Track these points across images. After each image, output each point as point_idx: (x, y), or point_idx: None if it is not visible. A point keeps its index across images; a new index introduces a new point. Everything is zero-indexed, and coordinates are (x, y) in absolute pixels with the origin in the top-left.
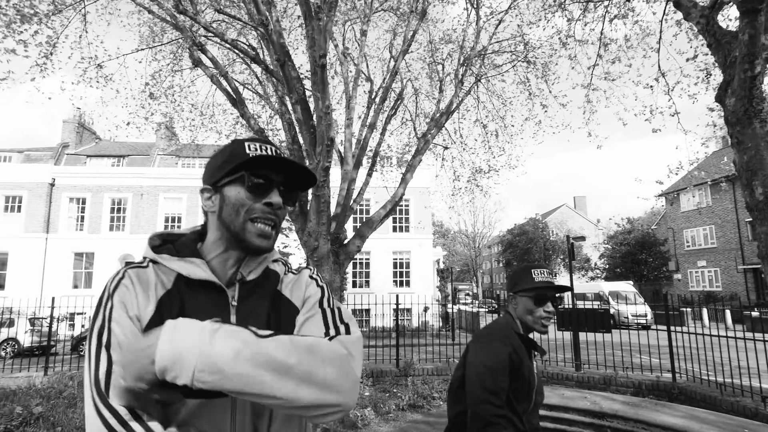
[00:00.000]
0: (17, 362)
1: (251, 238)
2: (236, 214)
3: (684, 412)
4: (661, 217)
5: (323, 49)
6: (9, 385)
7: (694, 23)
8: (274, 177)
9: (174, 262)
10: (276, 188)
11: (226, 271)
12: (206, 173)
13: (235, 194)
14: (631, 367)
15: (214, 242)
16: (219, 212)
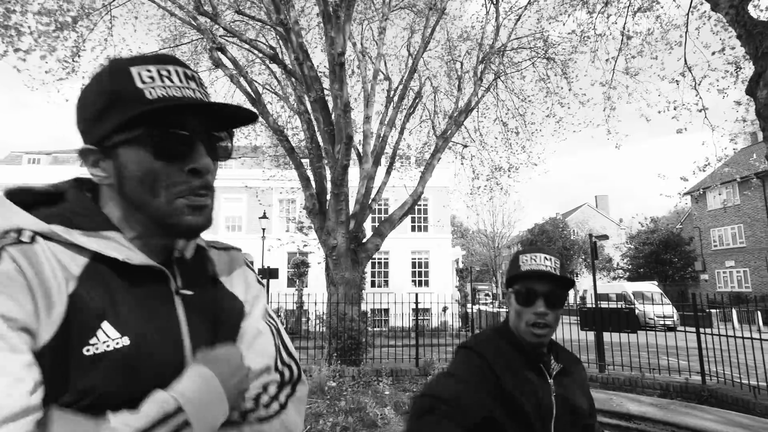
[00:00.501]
0: None
1: (180, 221)
2: (149, 192)
3: (716, 415)
4: (687, 216)
5: (341, 48)
6: None
7: (723, 14)
8: (194, 125)
9: (83, 238)
10: (200, 144)
11: (151, 249)
12: (81, 123)
13: (138, 162)
14: (657, 369)
15: (122, 219)
16: (119, 186)
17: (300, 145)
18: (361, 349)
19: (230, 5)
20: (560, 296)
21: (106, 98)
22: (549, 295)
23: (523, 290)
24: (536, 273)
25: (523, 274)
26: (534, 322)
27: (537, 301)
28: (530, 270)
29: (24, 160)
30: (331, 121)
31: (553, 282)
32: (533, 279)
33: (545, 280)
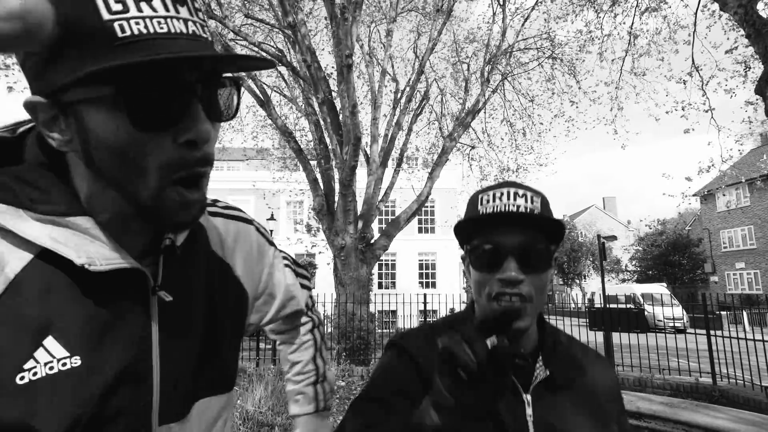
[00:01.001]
0: None
1: (170, 214)
2: (129, 170)
3: (728, 414)
4: (696, 218)
5: (349, 49)
6: None
7: (732, 13)
8: (187, 75)
9: (33, 226)
10: (196, 102)
11: (133, 233)
12: (21, 58)
13: (110, 130)
14: (668, 369)
15: (90, 197)
16: (86, 157)
17: (308, 146)
18: (370, 348)
19: (239, 9)
20: (542, 252)
21: (59, 29)
22: (524, 251)
23: (482, 247)
24: (503, 218)
25: (482, 221)
26: (499, 292)
27: (505, 262)
28: (493, 214)
29: None
30: (339, 122)
31: (530, 230)
32: (498, 228)
33: (517, 227)
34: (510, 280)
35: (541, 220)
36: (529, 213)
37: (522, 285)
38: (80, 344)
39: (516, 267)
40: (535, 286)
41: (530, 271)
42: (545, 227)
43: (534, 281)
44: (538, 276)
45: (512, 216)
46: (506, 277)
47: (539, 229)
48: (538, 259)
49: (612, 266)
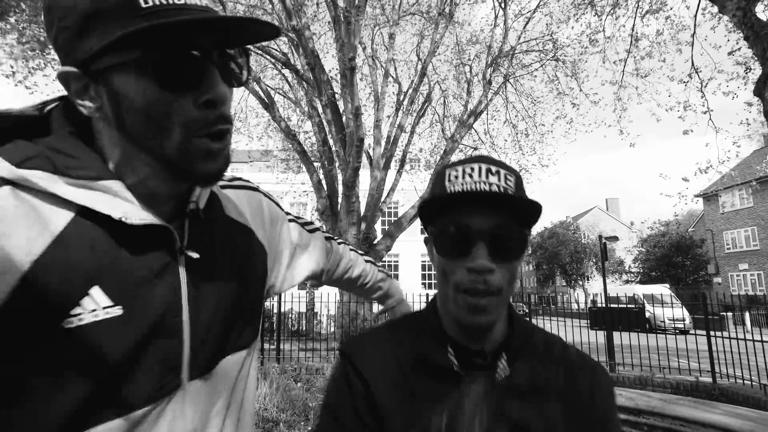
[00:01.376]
0: None
1: (197, 165)
2: (158, 131)
3: (724, 410)
4: (699, 219)
5: (352, 53)
6: None
7: (730, 16)
8: (204, 42)
9: (69, 189)
10: (213, 67)
11: (159, 199)
12: (56, 34)
13: (140, 93)
14: (668, 369)
15: (121, 162)
16: (117, 122)
17: (312, 148)
18: None
19: (243, 14)
20: (516, 238)
21: (91, 3)
22: (496, 237)
23: (449, 229)
24: (473, 197)
25: (448, 200)
26: (469, 288)
27: (474, 249)
28: (463, 192)
29: None
30: (343, 124)
31: (503, 212)
32: (468, 209)
33: (489, 209)
34: (480, 269)
35: (516, 201)
36: (503, 193)
37: (492, 276)
38: (121, 295)
39: (486, 254)
40: (506, 276)
41: (502, 259)
42: (520, 210)
43: (505, 271)
44: (510, 264)
45: (484, 196)
46: (476, 266)
47: (513, 211)
48: (511, 245)
49: (615, 267)
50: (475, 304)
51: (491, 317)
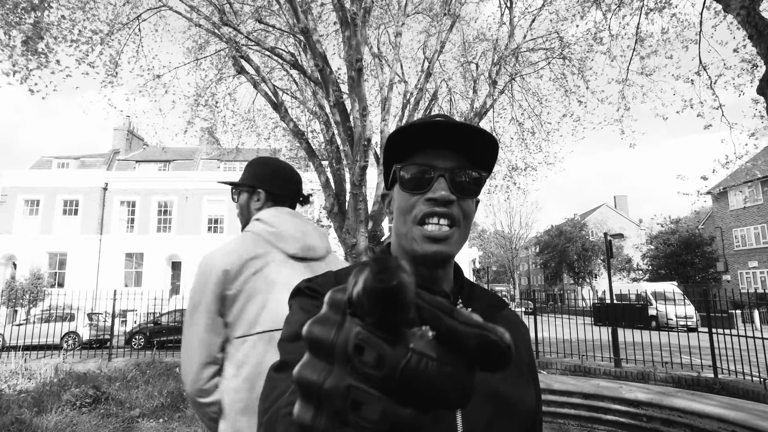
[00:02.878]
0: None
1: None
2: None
3: (720, 401)
4: (708, 216)
5: (359, 54)
6: (80, 370)
7: (734, 15)
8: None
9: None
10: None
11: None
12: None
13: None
14: (671, 364)
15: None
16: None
17: (320, 147)
18: None
19: (251, 15)
20: (474, 177)
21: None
22: (456, 173)
23: (412, 166)
24: (432, 127)
25: (415, 131)
26: (427, 212)
27: (436, 183)
28: (423, 124)
29: (54, 164)
30: (350, 124)
31: (462, 154)
32: (429, 150)
33: (449, 150)
34: (441, 198)
35: (480, 133)
36: (457, 123)
37: (452, 206)
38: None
39: (447, 187)
40: (464, 211)
41: (461, 193)
42: (479, 150)
43: (463, 206)
44: (468, 201)
45: (449, 127)
46: (437, 196)
47: (473, 153)
48: (469, 182)
49: (623, 265)
50: (434, 233)
51: (449, 248)
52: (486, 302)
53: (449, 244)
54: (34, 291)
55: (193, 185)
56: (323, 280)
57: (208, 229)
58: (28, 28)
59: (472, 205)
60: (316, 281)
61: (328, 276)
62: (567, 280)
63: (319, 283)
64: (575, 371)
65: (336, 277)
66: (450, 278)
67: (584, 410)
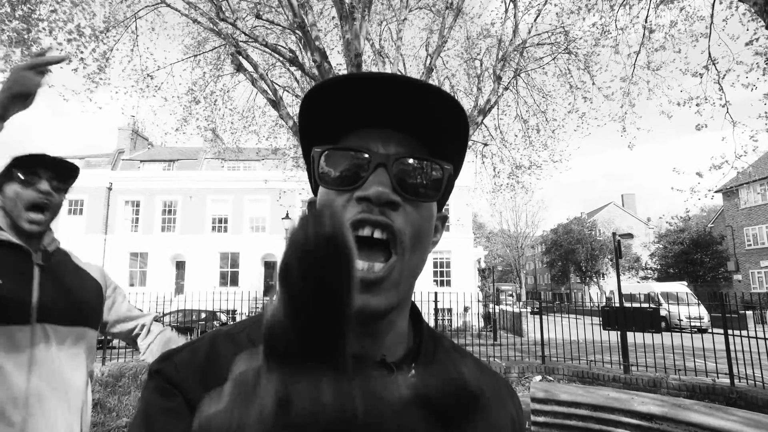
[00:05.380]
0: None
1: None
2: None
3: (741, 417)
4: (718, 215)
5: (358, 49)
6: None
7: (750, 4)
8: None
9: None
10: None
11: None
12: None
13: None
14: (684, 370)
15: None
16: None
17: None
18: None
19: (249, 11)
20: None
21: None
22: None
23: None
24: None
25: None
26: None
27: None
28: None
29: None
30: None
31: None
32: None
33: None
34: (376, 197)
35: (444, 101)
36: (424, 83)
37: (396, 213)
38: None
39: (388, 182)
40: (412, 223)
41: (409, 193)
42: (441, 131)
43: (412, 214)
44: (422, 208)
45: (392, 85)
46: (371, 193)
47: (432, 135)
48: (423, 177)
49: (631, 264)
50: (365, 278)
51: (381, 299)
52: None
53: (386, 290)
54: None
55: (197, 185)
56: (187, 358)
57: (212, 229)
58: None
59: (430, 214)
60: (178, 360)
61: (197, 348)
62: (574, 280)
63: (181, 363)
64: (582, 377)
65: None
66: (401, 331)
67: (593, 422)
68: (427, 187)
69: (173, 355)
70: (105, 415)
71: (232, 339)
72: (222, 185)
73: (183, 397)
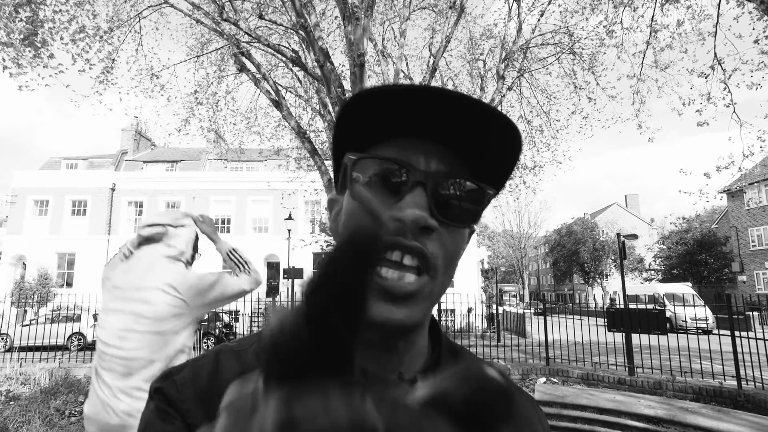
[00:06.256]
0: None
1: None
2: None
3: (750, 420)
4: (723, 215)
5: (361, 50)
6: (76, 374)
7: (758, 3)
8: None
9: None
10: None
11: None
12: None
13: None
14: (690, 372)
15: None
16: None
17: (323, 146)
18: None
19: (252, 11)
20: (473, 194)
21: None
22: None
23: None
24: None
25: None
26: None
27: (409, 194)
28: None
29: (62, 165)
30: None
31: (463, 149)
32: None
33: (442, 139)
34: (413, 221)
35: (500, 122)
36: (481, 103)
37: (429, 238)
38: None
39: (425, 203)
40: (447, 250)
41: (448, 218)
42: (490, 152)
43: (447, 240)
44: (457, 234)
45: (446, 100)
46: (407, 216)
47: (478, 155)
48: (465, 201)
49: (635, 265)
50: (392, 284)
51: (412, 313)
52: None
53: (414, 304)
54: (43, 291)
55: (200, 185)
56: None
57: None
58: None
59: (464, 237)
60: (179, 379)
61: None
62: (577, 281)
63: (182, 383)
64: (587, 379)
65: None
66: (420, 346)
67: (598, 425)
68: (466, 212)
69: (174, 373)
70: None
71: (237, 356)
72: (225, 186)
73: (182, 421)
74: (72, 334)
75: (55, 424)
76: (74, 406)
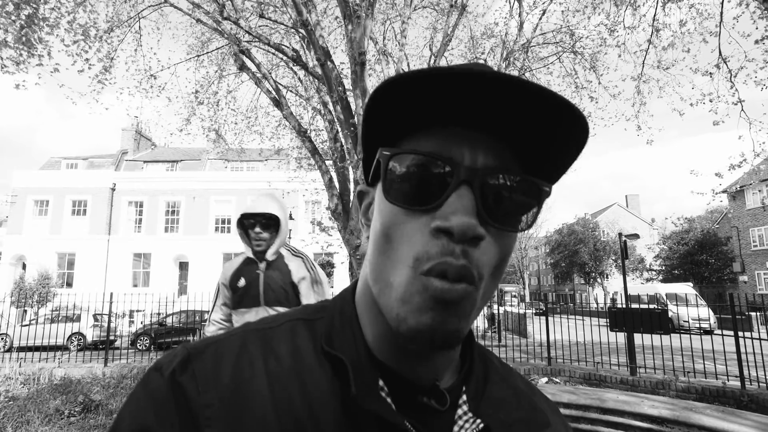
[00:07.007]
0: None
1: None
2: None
3: (755, 421)
4: (723, 216)
5: (362, 48)
6: (74, 375)
7: (761, 2)
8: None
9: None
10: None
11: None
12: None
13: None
14: (693, 372)
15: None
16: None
17: (323, 146)
18: None
19: (253, 10)
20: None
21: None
22: (492, 184)
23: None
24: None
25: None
26: (435, 264)
27: (453, 195)
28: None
29: (63, 165)
30: (353, 121)
31: (517, 141)
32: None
33: (490, 128)
34: (460, 230)
35: (567, 110)
36: (542, 87)
37: (476, 249)
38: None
39: (473, 208)
40: (495, 254)
41: (497, 223)
42: (550, 143)
43: (496, 245)
44: (506, 236)
45: (498, 83)
46: (455, 227)
47: (533, 146)
48: (515, 203)
49: (636, 265)
50: (444, 291)
51: (465, 322)
52: (510, 411)
53: (467, 315)
54: (43, 291)
55: (200, 185)
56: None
57: (216, 230)
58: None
59: (513, 241)
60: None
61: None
62: (577, 281)
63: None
64: (589, 379)
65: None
66: (453, 357)
67: (602, 425)
68: (519, 214)
69: (194, 359)
70: (106, 417)
71: (308, 326)
72: (225, 186)
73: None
74: (72, 334)
75: (54, 424)
76: (74, 406)
